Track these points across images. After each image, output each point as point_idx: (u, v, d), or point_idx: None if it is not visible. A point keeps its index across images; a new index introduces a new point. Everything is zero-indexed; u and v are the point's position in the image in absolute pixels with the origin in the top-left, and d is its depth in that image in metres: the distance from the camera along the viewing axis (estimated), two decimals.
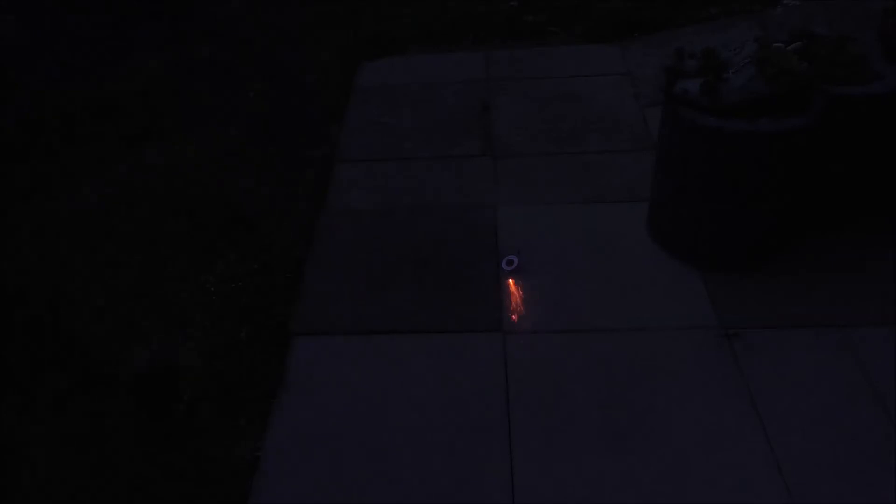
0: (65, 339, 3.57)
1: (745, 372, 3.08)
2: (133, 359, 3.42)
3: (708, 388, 3.03)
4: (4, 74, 6.10)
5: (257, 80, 5.67)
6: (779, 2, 5.45)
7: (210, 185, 4.55)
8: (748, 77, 3.14)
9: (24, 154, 5.09)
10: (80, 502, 2.88)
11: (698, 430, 2.87)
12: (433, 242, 3.91)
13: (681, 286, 3.50)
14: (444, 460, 2.85)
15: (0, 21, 6.66)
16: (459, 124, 4.91)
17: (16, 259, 4.14)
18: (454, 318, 3.46)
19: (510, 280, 3.62)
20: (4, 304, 3.82)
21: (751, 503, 2.63)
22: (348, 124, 5.02)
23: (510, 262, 3.66)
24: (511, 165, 4.48)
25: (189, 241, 4.11)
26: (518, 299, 3.52)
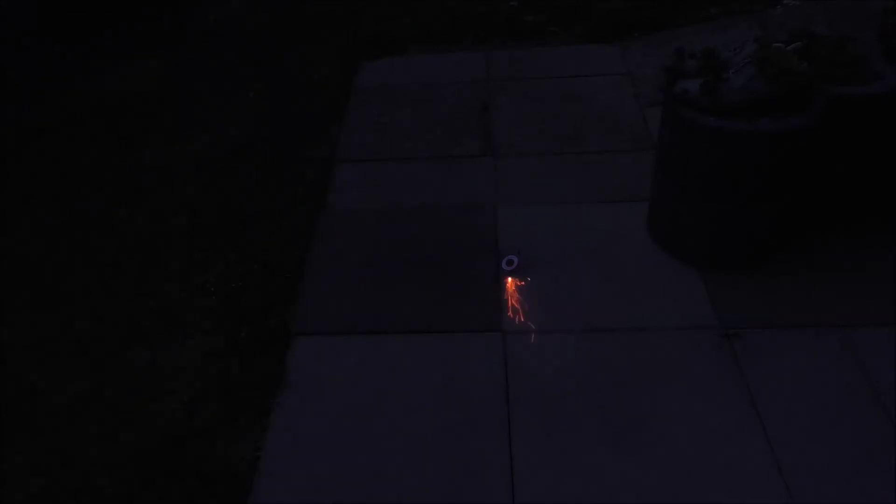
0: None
1: (745, 372, 3.07)
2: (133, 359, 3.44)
3: (708, 388, 3.03)
4: (4, 74, 6.11)
5: (257, 80, 5.67)
6: (779, 2, 5.44)
7: (210, 185, 4.55)
8: (748, 77, 3.14)
9: (24, 154, 5.10)
10: (81, 503, 2.88)
11: (698, 430, 2.87)
12: (433, 242, 3.91)
13: (681, 286, 3.50)
14: (443, 460, 2.85)
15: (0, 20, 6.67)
16: (459, 124, 4.91)
17: (16, 259, 4.15)
18: (454, 318, 3.46)
19: (510, 280, 3.62)
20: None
21: (751, 503, 2.63)
22: (348, 124, 5.02)
23: (510, 262, 3.66)
24: (511, 165, 4.48)
25: (189, 241, 4.11)
26: (518, 299, 3.52)
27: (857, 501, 2.60)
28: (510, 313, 3.44)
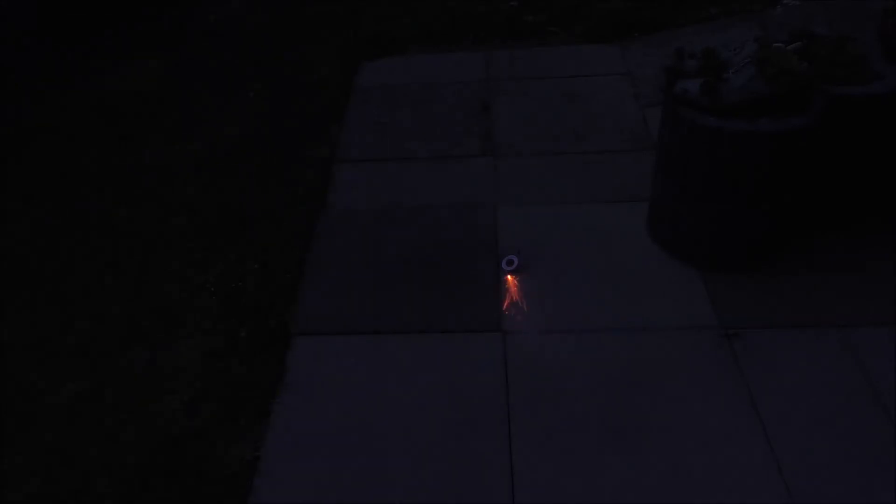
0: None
1: (745, 372, 3.07)
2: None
3: (708, 388, 3.03)
4: (4, 74, 6.11)
5: (257, 80, 5.67)
6: (779, 2, 5.44)
7: (210, 185, 4.55)
8: (748, 77, 3.14)
9: (24, 154, 5.10)
10: (80, 503, 2.88)
11: (698, 430, 2.87)
12: (433, 242, 3.91)
13: (681, 286, 3.50)
14: (443, 460, 2.85)
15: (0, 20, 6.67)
16: (459, 124, 4.91)
17: (16, 259, 4.15)
18: (454, 318, 3.46)
19: (510, 280, 3.62)
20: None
21: (751, 503, 2.63)
22: (348, 124, 5.02)
23: (510, 262, 3.66)
24: (511, 165, 4.48)
25: (189, 241, 4.11)
26: (518, 299, 3.52)
27: (857, 501, 2.60)
28: (510, 313, 3.44)
